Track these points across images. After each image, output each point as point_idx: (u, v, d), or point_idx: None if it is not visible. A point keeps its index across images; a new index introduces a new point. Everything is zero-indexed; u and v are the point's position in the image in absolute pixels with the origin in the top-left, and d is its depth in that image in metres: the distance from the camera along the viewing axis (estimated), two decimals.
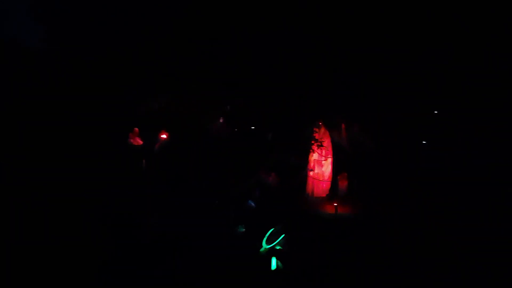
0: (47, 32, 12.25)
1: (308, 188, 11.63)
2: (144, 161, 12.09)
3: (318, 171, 11.62)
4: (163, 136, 12.31)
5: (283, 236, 7.68)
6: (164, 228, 8.63)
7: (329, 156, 11.63)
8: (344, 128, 11.93)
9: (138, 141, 12.50)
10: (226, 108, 11.30)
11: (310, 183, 11.63)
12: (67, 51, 11.71)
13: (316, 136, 11.43)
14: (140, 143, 12.49)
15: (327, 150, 11.60)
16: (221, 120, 11.86)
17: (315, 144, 11.37)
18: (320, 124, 11.42)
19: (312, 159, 11.65)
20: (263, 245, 7.63)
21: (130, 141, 12.45)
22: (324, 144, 11.42)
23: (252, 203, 10.05)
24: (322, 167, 11.63)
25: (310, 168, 11.62)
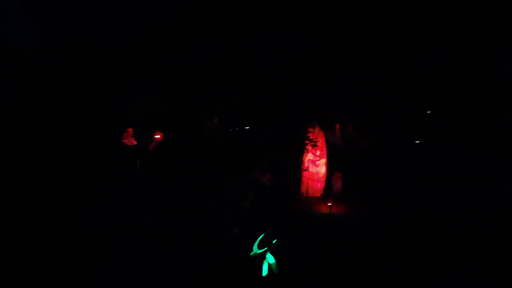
0: (39, 32, 12.12)
1: (303, 188, 11.68)
2: (138, 161, 12.02)
3: (313, 171, 11.66)
4: (157, 137, 12.24)
5: (275, 241, 7.56)
6: (159, 229, 8.60)
7: (323, 156, 11.68)
8: (338, 128, 12.00)
9: (132, 141, 12.43)
10: (221, 108, 11.28)
11: (305, 183, 11.68)
12: (60, 51, 11.60)
13: (311, 136, 11.50)
14: (134, 143, 12.41)
15: (322, 150, 11.66)
16: (215, 121, 11.84)
17: (310, 144, 11.44)
18: (315, 124, 11.48)
19: (306, 159, 11.70)
20: (254, 249, 7.53)
21: (124, 141, 12.37)
22: (318, 144, 11.49)
23: (247, 204, 10.06)
24: (316, 167, 11.69)
25: (304, 168, 11.66)
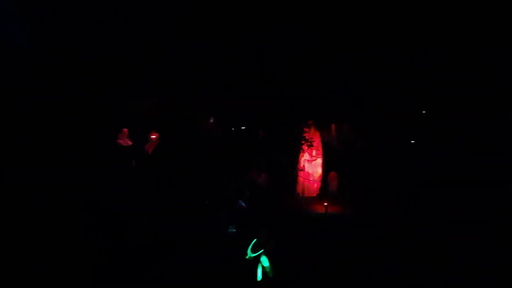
0: (40, 32, 12.04)
1: (299, 188, 11.68)
2: (133, 162, 11.98)
3: (309, 171, 11.66)
4: (153, 137, 12.22)
5: (270, 243, 7.51)
6: (155, 229, 8.56)
7: (319, 156, 11.69)
8: (334, 128, 12.00)
9: (127, 141, 12.40)
10: (217, 108, 11.27)
11: (301, 183, 11.67)
12: (60, 51, 11.54)
13: (306, 136, 11.50)
14: (130, 143, 12.39)
15: (318, 150, 11.67)
16: (211, 121, 11.83)
17: (306, 144, 11.45)
18: (310, 123, 11.49)
19: (302, 159, 11.70)
20: (248, 252, 7.48)
21: (119, 141, 12.33)
22: (314, 144, 11.50)
23: (242, 203, 10.03)
24: (312, 167, 11.68)
25: (300, 168, 11.66)
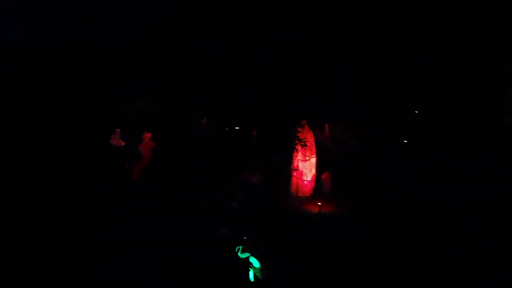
0: (30, 32, 11.92)
1: (293, 188, 11.67)
2: (126, 162, 11.90)
3: (302, 171, 11.66)
4: (146, 137, 12.14)
5: (259, 248, 7.49)
6: (148, 231, 8.52)
7: (313, 156, 11.69)
8: (328, 128, 12.01)
9: (120, 142, 12.31)
10: (210, 108, 11.23)
11: (294, 183, 11.67)
12: (49, 51, 11.44)
13: (300, 136, 11.50)
14: (122, 144, 12.30)
15: (311, 150, 11.67)
16: (204, 121, 11.78)
17: (299, 144, 11.45)
18: (304, 123, 11.49)
19: (296, 159, 11.69)
20: (239, 254, 7.47)
21: (111, 142, 12.25)
22: (307, 144, 11.50)
23: (236, 204, 10.02)
24: (306, 167, 11.68)
25: (294, 168, 11.66)
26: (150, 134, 12.14)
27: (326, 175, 11.60)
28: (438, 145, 11.85)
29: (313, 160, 11.66)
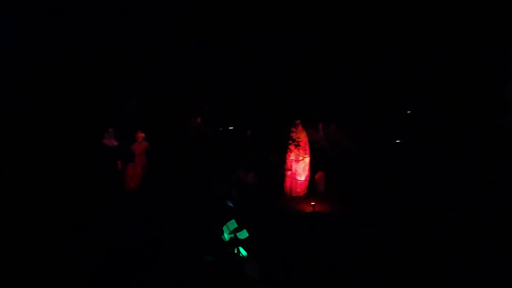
0: (27, 32, 11.82)
1: (286, 188, 11.70)
2: (119, 162, 11.82)
3: (296, 170, 11.70)
4: (140, 137, 12.07)
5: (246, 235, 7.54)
6: (142, 232, 8.45)
7: (306, 155, 11.73)
8: (322, 127, 12.06)
9: (112, 142, 12.22)
10: (204, 107, 11.22)
11: (288, 183, 11.70)
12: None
13: (294, 136, 11.54)
14: (115, 144, 12.21)
15: (305, 150, 11.71)
16: (198, 120, 11.77)
17: (293, 144, 11.48)
18: (297, 123, 11.54)
19: (289, 159, 11.72)
20: (225, 235, 7.52)
21: (104, 142, 12.15)
22: (301, 144, 11.54)
23: (230, 203, 9.99)
24: (300, 166, 11.72)
25: (287, 168, 11.68)
26: (143, 134, 12.09)
27: (320, 174, 11.65)
28: (432, 144, 11.94)
29: (306, 160, 11.71)
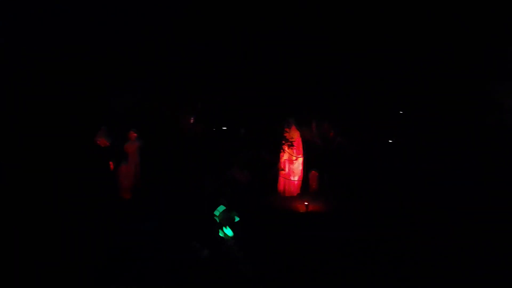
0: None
1: (280, 187, 11.70)
2: (111, 162, 11.70)
3: (289, 170, 11.72)
4: (132, 136, 11.97)
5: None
6: (136, 232, 8.38)
7: (299, 155, 11.77)
8: (315, 126, 12.12)
9: (104, 141, 12.10)
10: (197, 106, 11.22)
11: (282, 183, 11.71)
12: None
13: (287, 135, 11.57)
14: (107, 144, 12.10)
15: (298, 149, 11.75)
16: (191, 120, 11.75)
17: (286, 144, 11.51)
18: (291, 122, 11.58)
19: (283, 159, 11.74)
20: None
21: (96, 141, 12.03)
22: (294, 143, 11.58)
23: (224, 201, 9.93)
24: (293, 166, 11.74)
25: (281, 167, 11.70)
26: (136, 134, 12.00)
27: (313, 174, 11.69)
28: (424, 143, 12.05)
29: (300, 159, 11.74)
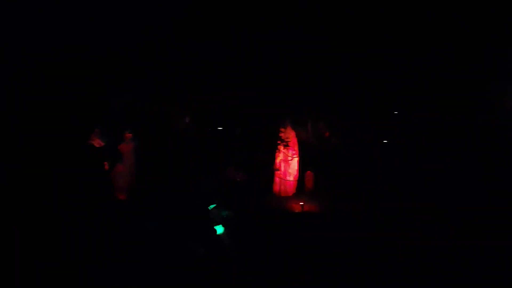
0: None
1: (275, 188, 11.69)
2: (106, 163, 11.62)
3: (285, 170, 11.71)
4: (127, 137, 11.91)
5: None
6: (136, 232, 8.31)
7: (295, 155, 11.77)
8: (310, 126, 12.14)
9: (99, 142, 12.02)
10: (193, 105, 11.19)
11: (277, 183, 11.70)
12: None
13: (282, 136, 11.58)
14: (102, 144, 12.01)
15: (293, 150, 11.76)
16: (187, 120, 11.71)
17: (281, 144, 11.51)
18: (286, 123, 11.59)
19: (278, 159, 11.74)
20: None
21: (90, 142, 11.94)
22: (290, 144, 11.59)
23: (220, 200, 9.91)
24: (288, 166, 11.74)
25: (276, 168, 11.69)
26: (130, 135, 11.94)
27: (308, 174, 11.70)
28: (424, 143, 12.09)
29: (295, 160, 11.75)
